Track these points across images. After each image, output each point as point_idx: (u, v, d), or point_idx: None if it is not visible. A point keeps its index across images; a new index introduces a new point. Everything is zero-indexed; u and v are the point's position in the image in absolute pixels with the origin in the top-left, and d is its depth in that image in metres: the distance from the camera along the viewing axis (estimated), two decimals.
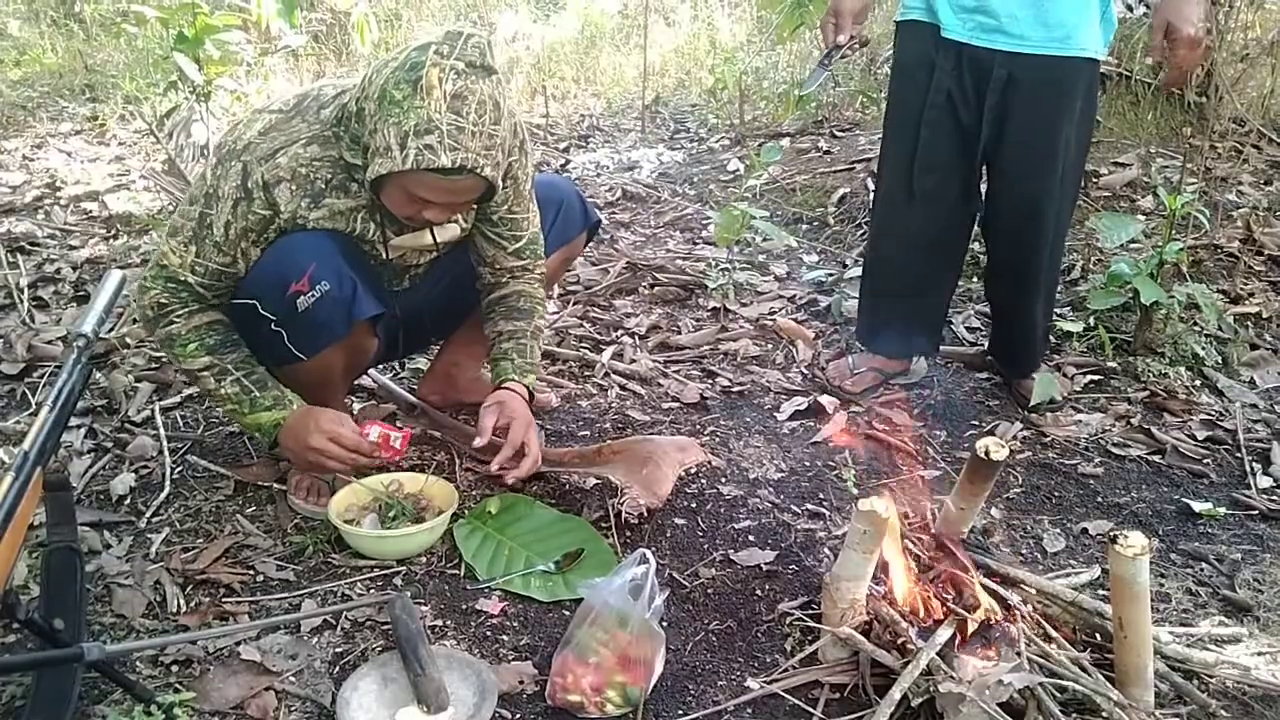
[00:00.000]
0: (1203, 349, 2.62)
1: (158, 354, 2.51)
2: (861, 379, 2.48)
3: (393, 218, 1.77)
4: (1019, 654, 1.45)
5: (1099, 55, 2.13)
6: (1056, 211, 2.23)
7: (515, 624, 1.68)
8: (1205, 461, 2.25)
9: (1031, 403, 2.39)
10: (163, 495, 1.97)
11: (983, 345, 2.74)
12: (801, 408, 2.40)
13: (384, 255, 1.85)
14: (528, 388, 1.98)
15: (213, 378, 1.77)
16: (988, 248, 2.44)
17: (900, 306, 2.44)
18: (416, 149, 1.56)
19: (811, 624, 1.64)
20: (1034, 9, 2.06)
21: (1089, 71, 2.14)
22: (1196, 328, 2.69)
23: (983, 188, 2.35)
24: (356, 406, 2.30)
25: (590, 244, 2.27)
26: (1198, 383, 2.55)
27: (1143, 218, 3.18)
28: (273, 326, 1.75)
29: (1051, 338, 2.69)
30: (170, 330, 1.76)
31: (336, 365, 1.88)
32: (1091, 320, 2.74)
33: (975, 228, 2.41)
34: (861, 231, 3.57)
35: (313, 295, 1.71)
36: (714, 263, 3.21)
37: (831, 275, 3.18)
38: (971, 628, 1.48)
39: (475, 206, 1.88)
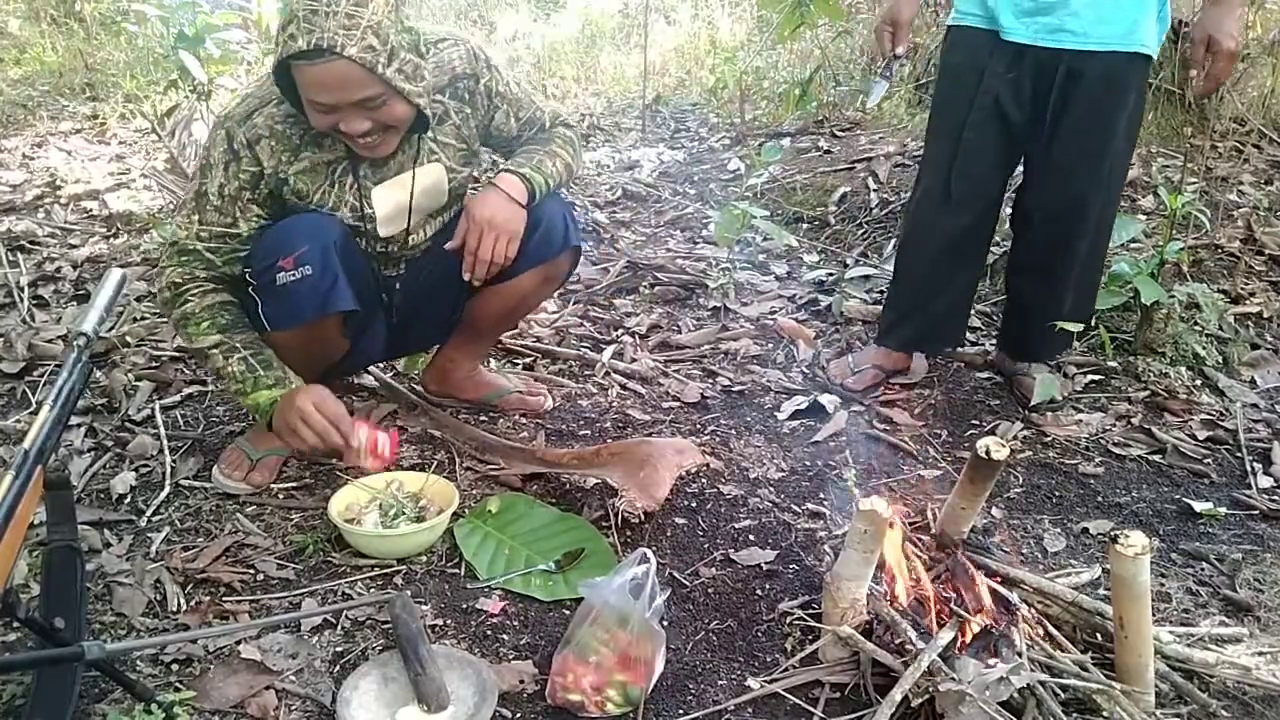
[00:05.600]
0: (1203, 349, 2.62)
1: (157, 353, 2.51)
2: (863, 376, 2.48)
3: (370, 169, 1.86)
4: (1020, 654, 1.45)
5: (1153, 52, 2.14)
6: (1101, 207, 2.24)
7: (515, 623, 1.68)
8: (1206, 461, 2.25)
9: (1032, 402, 2.38)
10: (163, 494, 1.97)
11: (983, 345, 2.74)
12: (802, 407, 2.40)
13: (361, 208, 1.88)
14: (516, 173, 1.95)
15: (221, 355, 1.82)
16: (1022, 239, 2.40)
17: (929, 304, 2.44)
18: (282, 42, 1.62)
19: (812, 623, 1.64)
20: (1095, 7, 2.07)
21: (1143, 68, 2.15)
22: (1197, 327, 2.68)
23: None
24: (357, 405, 2.30)
25: (576, 269, 2.23)
26: (1198, 382, 2.55)
27: (1143, 217, 3.17)
28: (251, 291, 1.83)
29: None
30: (185, 309, 1.82)
31: (295, 348, 1.88)
32: (1092, 320, 2.74)
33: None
34: (862, 231, 3.57)
35: (293, 275, 1.77)
36: (714, 262, 3.21)
37: (832, 275, 3.18)
38: (973, 630, 1.48)
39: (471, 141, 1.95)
